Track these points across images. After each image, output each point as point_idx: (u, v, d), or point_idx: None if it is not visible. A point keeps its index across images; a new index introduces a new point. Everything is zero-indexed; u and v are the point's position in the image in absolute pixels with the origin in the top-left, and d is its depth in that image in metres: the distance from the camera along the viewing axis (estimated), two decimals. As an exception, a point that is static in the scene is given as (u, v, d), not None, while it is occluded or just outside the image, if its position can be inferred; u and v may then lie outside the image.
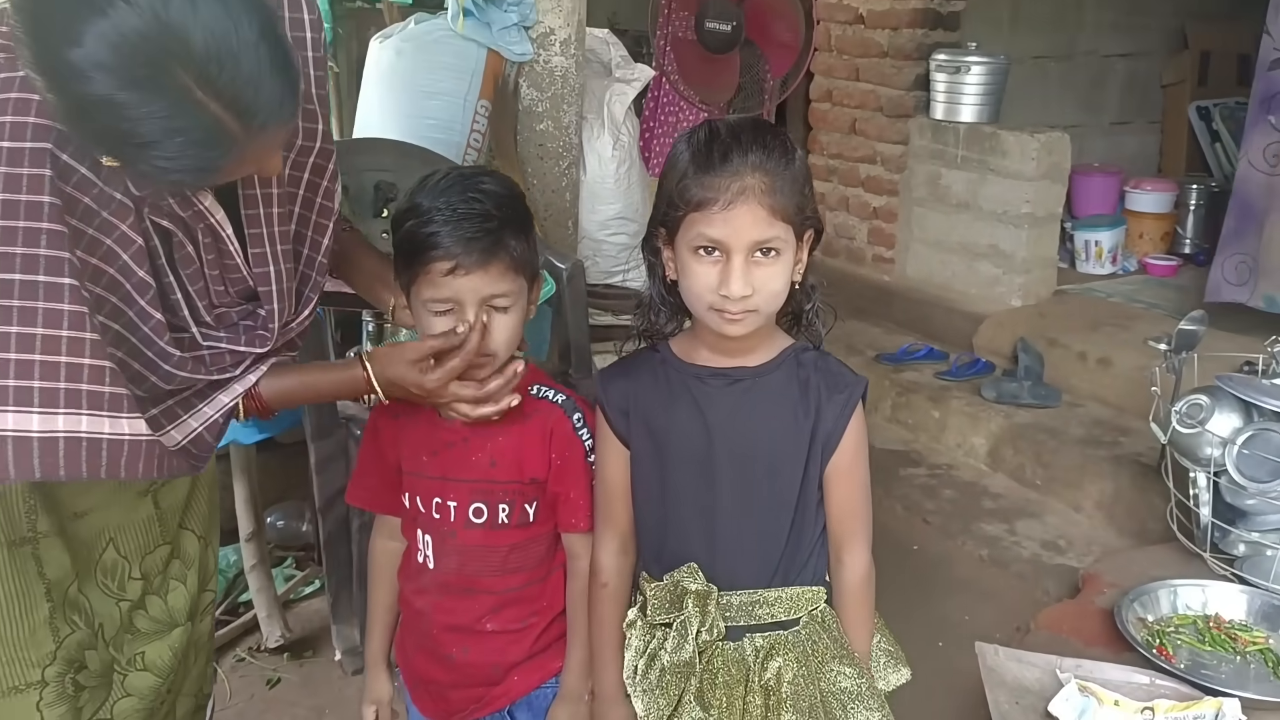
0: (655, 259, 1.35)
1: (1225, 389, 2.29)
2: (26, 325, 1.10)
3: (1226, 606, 2.23)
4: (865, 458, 1.35)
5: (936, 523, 3.11)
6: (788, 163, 1.25)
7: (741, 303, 1.23)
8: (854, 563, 1.36)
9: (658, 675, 1.31)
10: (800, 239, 1.28)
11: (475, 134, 3.17)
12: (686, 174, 1.24)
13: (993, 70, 3.93)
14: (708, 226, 1.22)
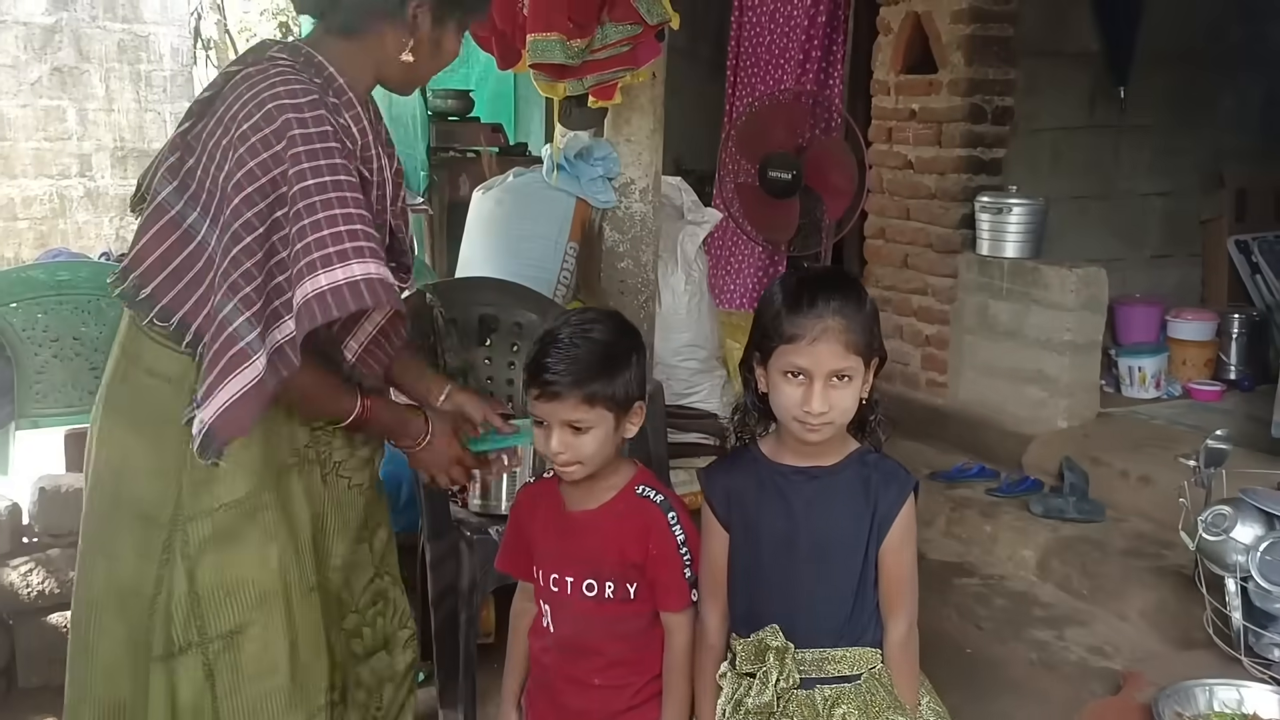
0: (750, 375, 1.67)
1: (1247, 500, 2.53)
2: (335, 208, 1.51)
3: (1262, 706, 2.43)
4: (914, 541, 1.64)
5: (989, 628, 3.31)
6: (860, 307, 1.58)
7: (820, 418, 1.55)
8: (898, 624, 1.63)
9: (742, 717, 1.59)
10: (868, 366, 1.60)
11: (565, 272, 3.57)
12: (780, 313, 1.58)
13: (1032, 210, 4.27)
14: (796, 356, 1.55)
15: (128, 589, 1.61)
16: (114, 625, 1.62)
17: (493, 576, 2.65)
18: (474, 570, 2.63)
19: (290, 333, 1.49)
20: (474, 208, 3.65)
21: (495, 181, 3.68)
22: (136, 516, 1.60)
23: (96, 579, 1.63)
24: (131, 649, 1.62)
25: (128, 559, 1.60)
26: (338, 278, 1.48)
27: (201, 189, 1.57)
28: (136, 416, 1.61)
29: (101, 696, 1.63)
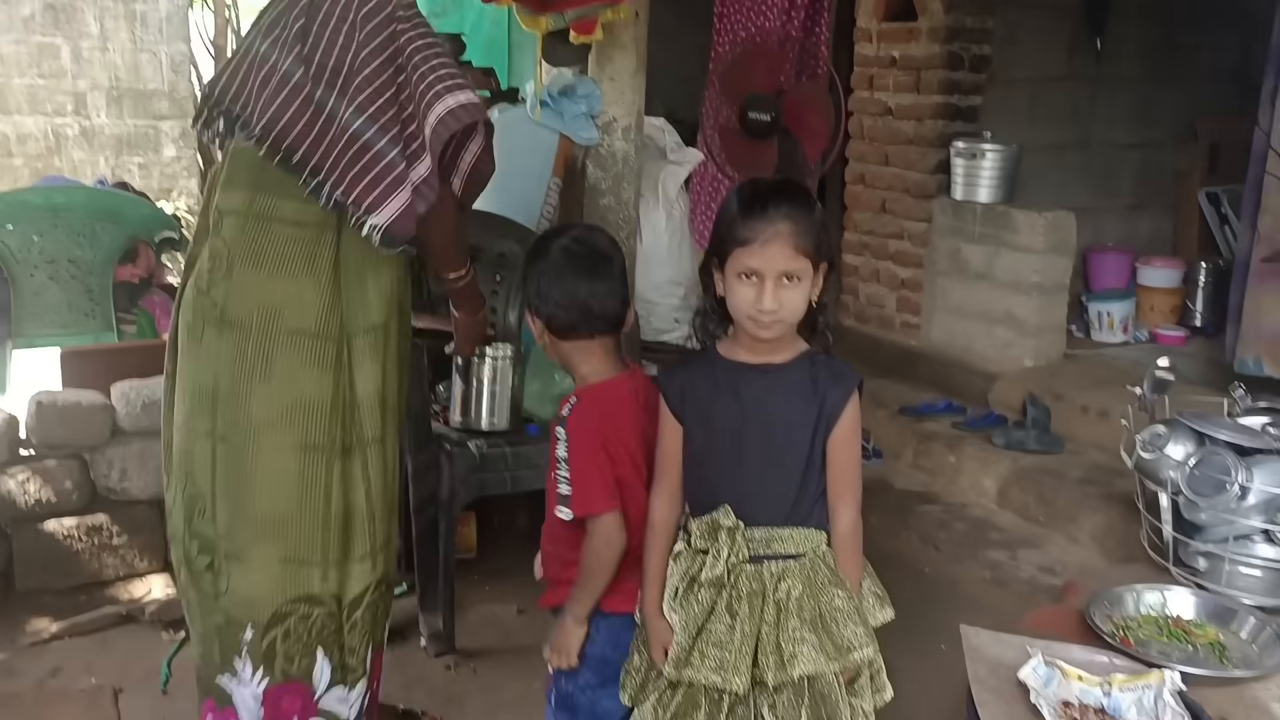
0: (709, 280, 1.80)
1: (1182, 421, 2.69)
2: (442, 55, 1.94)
3: (1182, 607, 2.60)
4: (858, 437, 1.78)
5: (947, 551, 3.49)
6: (808, 213, 1.72)
7: (772, 315, 1.69)
8: (845, 515, 1.78)
9: (696, 591, 1.74)
10: (816, 269, 1.73)
11: (548, 206, 3.69)
12: (735, 219, 1.71)
13: (1005, 156, 4.39)
14: (749, 258, 1.68)
15: (305, 399, 1.86)
16: (280, 440, 1.85)
17: (472, 487, 2.82)
18: (453, 481, 2.79)
19: (428, 168, 1.84)
20: (461, 143, 3.76)
21: (481, 118, 3.79)
22: (307, 337, 1.86)
23: (251, 409, 1.84)
24: (299, 457, 1.85)
25: (298, 374, 1.85)
26: (461, 99, 1.87)
27: (326, 64, 1.86)
28: (287, 262, 1.86)
29: (259, 509, 1.84)
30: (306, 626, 1.85)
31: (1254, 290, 3.73)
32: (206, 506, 1.84)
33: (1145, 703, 2.23)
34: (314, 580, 1.86)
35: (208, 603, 1.85)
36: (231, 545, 1.83)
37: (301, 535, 1.85)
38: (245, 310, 1.85)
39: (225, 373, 1.85)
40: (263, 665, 1.83)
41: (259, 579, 1.83)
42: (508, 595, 3.19)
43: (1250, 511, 2.53)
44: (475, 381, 2.85)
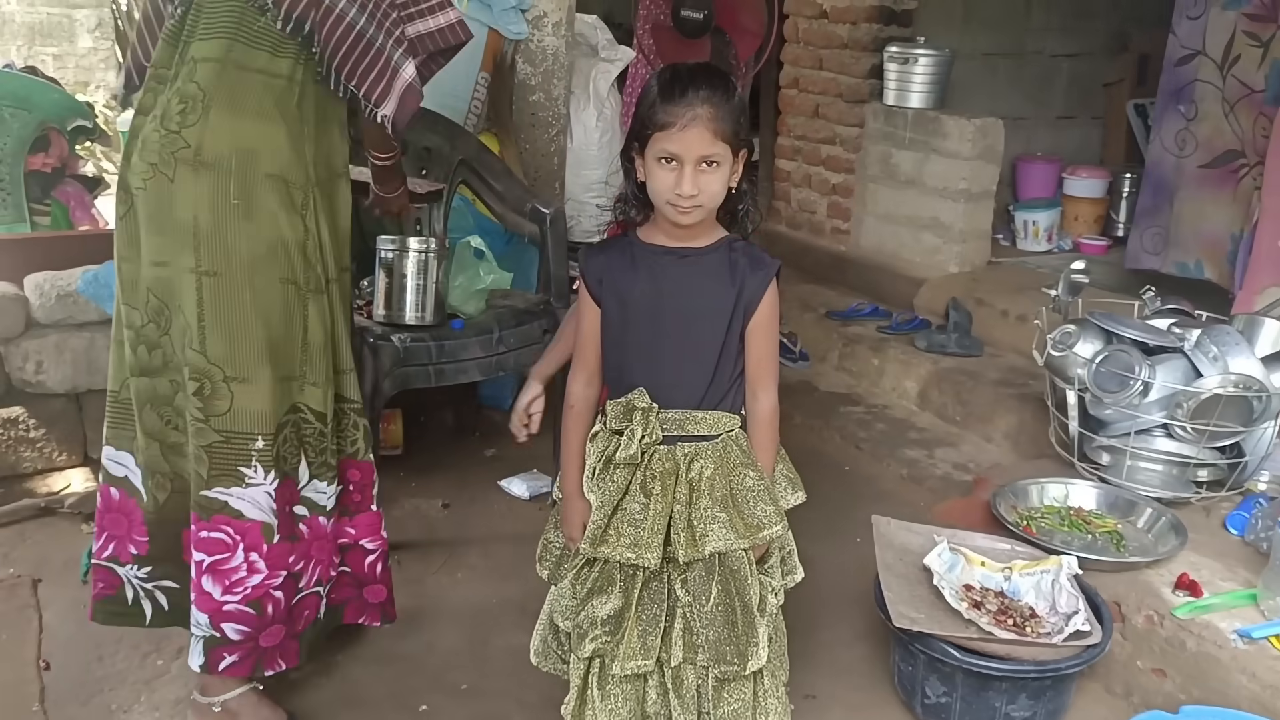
0: (630, 165, 1.79)
1: (1092, 321, 2.77)
2: None
3: (1083, 499, 2.71)
4: (776, 322, 1.80)
5: (867, 449, 3.57)
6: (728, 98, 1.71)
7: (690, 200, 1.69)
8: (764, 399, 1.81)
9: (611, 471, 1.77)
10: (736, 155, 1.74)
11: (476, 101, 3.63)
12: (655, 103, 1.70)
13: (938, 61, 4.40)
14: (668, 143, 1.67)
15: (283, 239, 2.02)
16: (269, 272, 2.02)
17: (395, 381, 2.81)
18: (377, 374, 2.77)
19: (413, 74, 2.10)
20: (386, 34, 3.67)
21: (408, 9, 3.70)
22: (281, 180, 2.02)
23: (241, 247, 1.99)
24: (282, 289, 2.04)
25: (277, 215, 2.01)
26: (451, 18, 2.15)
27: None
28: (262, 108, 2.01)
29: (258, 336, 2.01)
30: (295, 432, 2.10)
31: (1192, 196, 3.80)
32: (194, 337, 1.99)
33: (1043, 586, 2.34)
34: (296, 393, 2.09)
35: (198, 425, 2.01)
36: (234, 369, 2.01)
37: (289, 357, 2.06)
38: (223, 152, 1.97)
39: (206, 211, 1.97)
40: (274, 467, 2.06)
41: (265, 396, 2.03)
42: (433, 490, 3.23)
43: (1152, 407, 2.63)
44: (399, 275, 2.83)
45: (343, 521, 2.28)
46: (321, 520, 2.20)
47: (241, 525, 2.07)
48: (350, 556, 2.31)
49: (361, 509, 2.30)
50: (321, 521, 2.20)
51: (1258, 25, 3.51)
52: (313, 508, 2.18)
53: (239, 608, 2.08)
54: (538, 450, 3.38)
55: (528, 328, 2.99)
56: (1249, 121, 3.61)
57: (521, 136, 3.81)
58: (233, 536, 2.07)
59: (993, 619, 2.24)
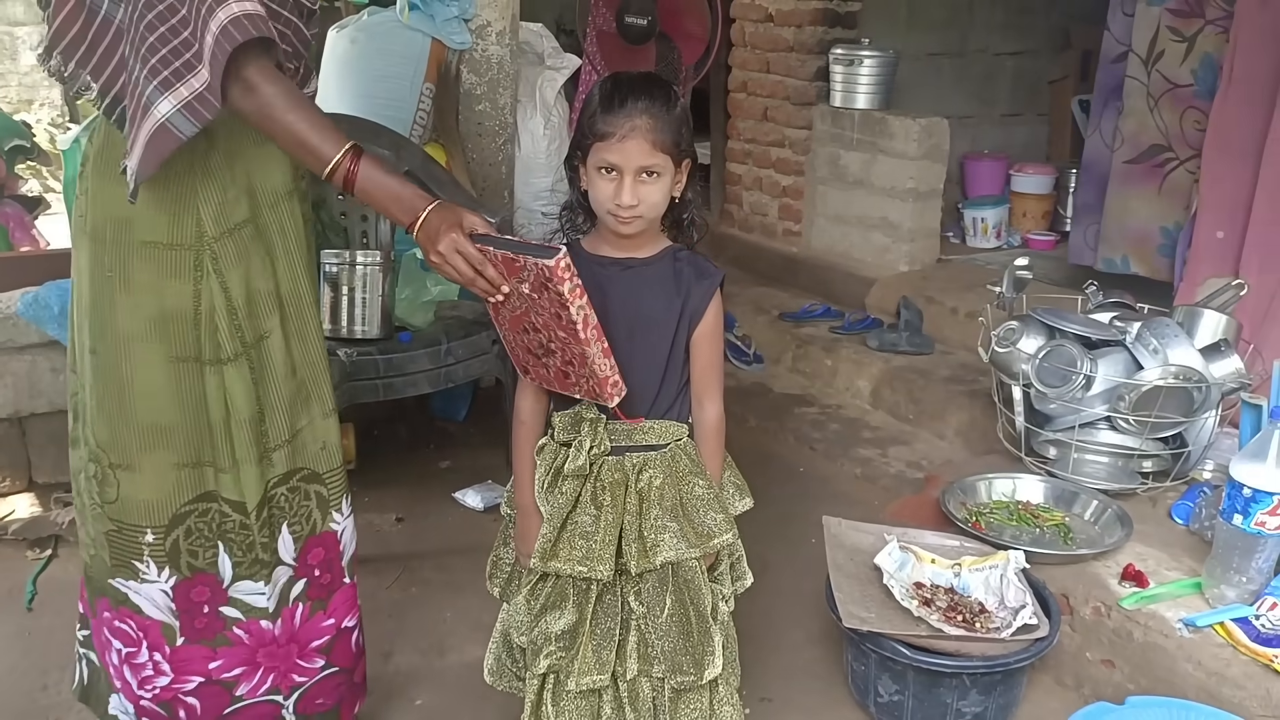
0: (574, 174, 1.78)
1: (1034, 317, 2.80)
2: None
3: (1031, 493, 2.74)
4: (720, 332, 1.80)
5: (821, 449, 3.59)
6: (668, 109, 1.70)
7: (630, 210, 1.68)
8: (710, 408, 1.81)
9: (560, 484, 1.77)
10: (678, 166, 1.73)
11: (421, 112, 3.62)
12: (596, 113, 1.69)
13: (883, 63, 4.43)
14: (608, 153, 1.67)
15: (167, 311, 1.77)
16: (150, 351, 1.78)
17: (343, 396, 2.79)
18: (325, 389, 2.76)
19: (205, 80, 1.57)
20: (329, 46, 3.65)
21: (350, 20, 3.68)
22: (160, 246, 1.75)
23: (118, 318, 1.77)
24: (174, 366, 1.79)
25: (158, 286, 1.76)
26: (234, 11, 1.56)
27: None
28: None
29: (142, 419, 1.79)
30: (207, 523, 1.85)
31: (1118, 191, 3.86)
32: (90, 417, 1.84)
33: (991, 582, 2.36)
34: (209, 480, 1.84)
35: (95, 509, 1.85)
36: (118, 456, 1.81)
37: (189, 441, 1.82)
38: (100, 221, 1.77)
39: (88, 285, 1.79)
40: (168, 564, 1.84)
41: (153, 485, 1.81)
42: (387, 504, 3.20)
43: (1094, 401, 2.66)
44: (344, 289, 2.82)
45: (316, 619, 2.01)
46: (264, 624, 1.93)
47: (142, 622, 1.88)
48: (336, 650, 2.05)
49: (334, 588, 2.03)
50: (264, 625, 1.93)
51: (1181, 21, 3.57)
52: (247, 610, 1.92)
53: (152, 706, 1.92)
54: (492, 461, 3.38)
55: (476, 338, 2.98)
56: (1174, 116, 3.66)
57: (468, 146, 3.80)
58: (136, 631, 1.89)
59: (942, 616, 2.26)
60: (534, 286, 1.59)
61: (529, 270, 1.57)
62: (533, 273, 1.57)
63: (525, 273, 1.58)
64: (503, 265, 1.61)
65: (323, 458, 1.96)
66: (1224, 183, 3.21)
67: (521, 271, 1.59)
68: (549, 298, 1.58)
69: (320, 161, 1.65)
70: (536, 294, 1.60)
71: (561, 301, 1.57)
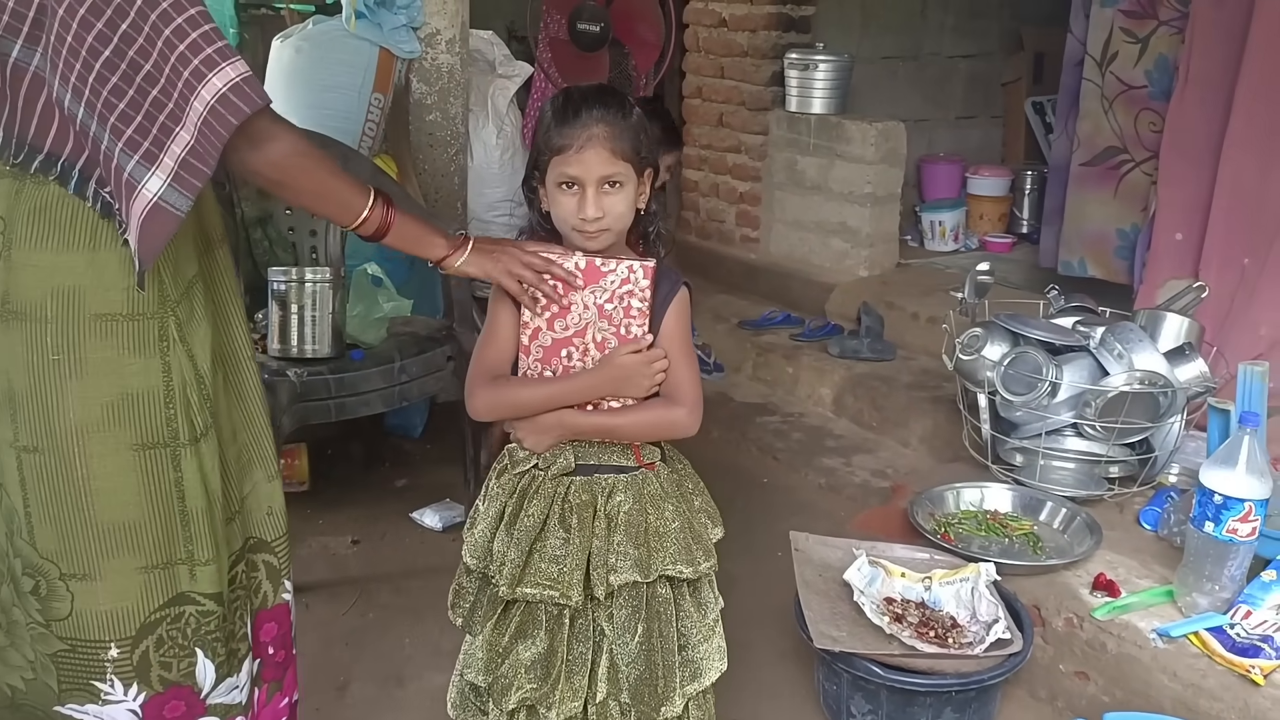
0: (533, 195, 1.72)
1: (998, 323, 2.77)
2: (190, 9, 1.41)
3: (999, 502, 2.71)
4: (684, 336, 1.72)
5: (785, 459, 3.54)
6: (624, 116, 1.65)
7: (596, 223, 1.63)
8: (677, 410, 1.69)
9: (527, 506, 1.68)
10: (640, 175, 1.68)
11: (370, 123, 3.53)
12: (550, 127, 1.64)
13: (838, 67, 4.40)
14: (567, 166, 1.61)
15: (131, 393, 1.56)
16: (110, 440, 1.56)
17: (294, 417, 2.70)
18: (274, 412, 2.66)
19: (187, 143, 1.41)
20: (273, 57, 3.55)
21: (295, 29, 3.58)
22: (118, 319, 1.54)
23: (68, 408, 1.54)
24: (140, 455, 1.58)
25: (121, 363, 1.55)
26: (230, 76, 1.40)
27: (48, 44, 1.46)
28: (78, 233, 1.51)
29: (102, 521, 1.58)
30: (180, 629, 1.65)
31: (1075, 194, 3.85)
32: (23, 525, 1.59)
33: (963, 595, 2.32)
34: (182, 579, 1.64)
35: (37, 629, 1.62)
36: (72, 565, 1.59)
37: (158, 540, 1.61)
38: (36, 296, 1.52)
39: (21, 373, 1.54)
40: (137, 680, 1.64)
41: (116, 594, 1.60)
42: (342, 526, 3.11)
43: (1060, 407, 2.63)
44: (293, 307, 2.72)
45: (274, 701, 1.86)
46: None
47: None
48: None
49: (288, 665, 1.88)
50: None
51: (1134, 22, 3.57)
52: (225, 711, 1.72)
53: None
54: (450, 478, 3.30)
55: (430, 355, 2.90)
56: (1129, 118, 3.66)
57: (420, 157, 3.71)
58: None
59: (914, 632, 2.21)
60: (613, 296, 1.63)
61: (615, 276, 1.62)
62: (621, 278, 1.61)
63: (609, 279, 1.62)
64: (584, 273, 1.63)
65: (269, 524, 1.80)
66: (1181, 185, 3.21)
67: (604, 279, 1.62)
68: (622, 308, 1.63)
69: (350, 213, 1.59)
70: (612, 304, 1.63)
71: (640, 309, 1.62)
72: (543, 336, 1.68)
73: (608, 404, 1.70)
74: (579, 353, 1.67)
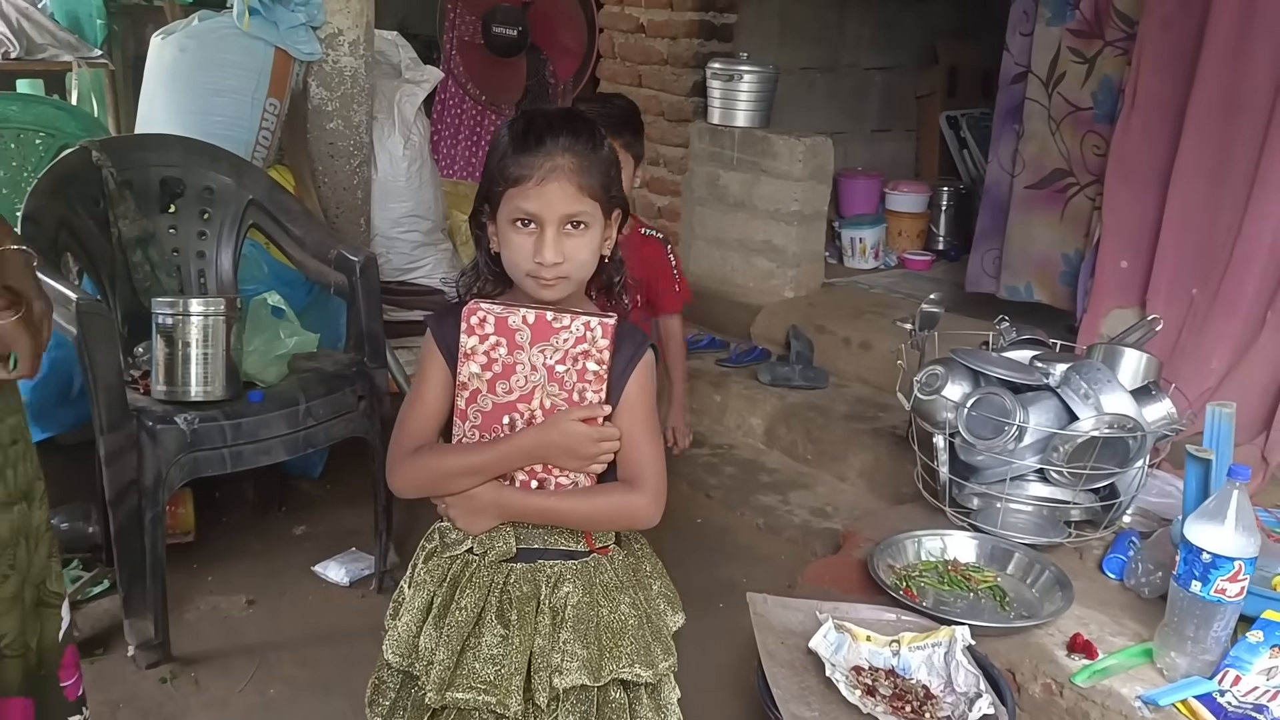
0: (481, 232, 1.48)
1: (958, 360, 2.60)
2: None
3: (962, 552, 2.54)
4: (648, 407, 1.47)
5: (718, 497, 3.34)
6: (594, 147, 1.41)
7: (554, 269, 1.39)
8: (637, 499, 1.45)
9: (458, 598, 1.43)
10: (608, 217, 1.44)
11: (265, 131, 3.21)
12: (506, 154, 1.39)
13: (763, 79, 4.22)
14: (524, 200, 1.38)
15: None
16: None
17: (183, 469, 2.38)
18: (159, 463, 2.34)
19: None
20: (153, 56, 3.20)
21: (177, 25, 3.23)
22: None
23: None
24: None
25: None
26: None
27: None
28: None
29: None
30: None
31: (1019, 217, 3.72)
32: None
33: (935, 661, 2.14)
34: None
35: None
36: None
37: None
38: None
39: None
40: None
41: None
42: (234, 584, 2.78)
43: (1026, 452, 2.48)
44: (180, 343, 2.40)
45: None
46: None
47: None
48: None
49: None
50: None
51: (1081, 41, 3.46)
52: None
53: None
54: (355, 524, 2.99)
55: (340, 395, 2.60)
56: (1075, 140, 3.56)
57: (319, 169, 3.40)
58: None
59: (889, 706, 2.02)
60: (566, 356, 1.40)
61: (569, 334, 1.39)
62: (576, 336, 1.39)
63: (562, 337, 1.40)
64: (532, 329, 1.39)
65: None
66: (1126, 211, 3.11)
67: (555, 335, 1.39)
68: (575, 370, 1.41)
69: None
70: (564, 365, 1.40)
71: (596, 373, 1.41)
72: (481, 400, 1.43)
73: (554, 481, 1.45)
74: (523, 420, 1.43)
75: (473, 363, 1.41)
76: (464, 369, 1.42)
